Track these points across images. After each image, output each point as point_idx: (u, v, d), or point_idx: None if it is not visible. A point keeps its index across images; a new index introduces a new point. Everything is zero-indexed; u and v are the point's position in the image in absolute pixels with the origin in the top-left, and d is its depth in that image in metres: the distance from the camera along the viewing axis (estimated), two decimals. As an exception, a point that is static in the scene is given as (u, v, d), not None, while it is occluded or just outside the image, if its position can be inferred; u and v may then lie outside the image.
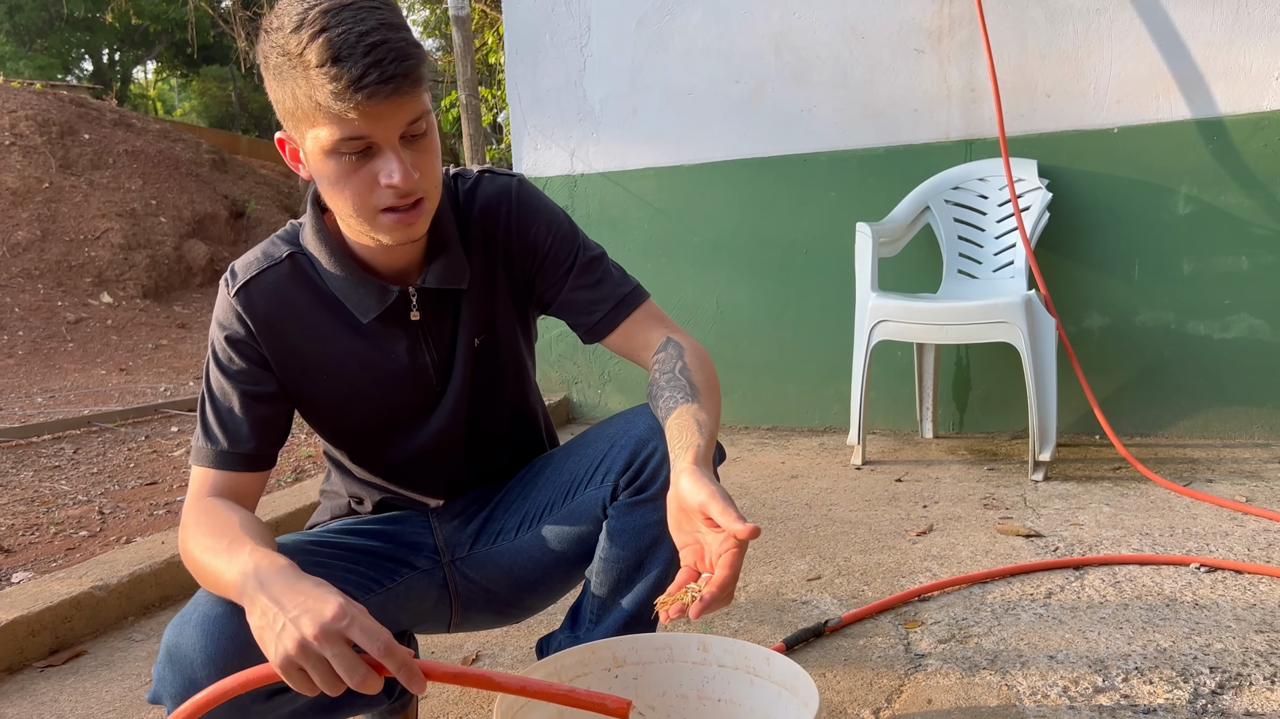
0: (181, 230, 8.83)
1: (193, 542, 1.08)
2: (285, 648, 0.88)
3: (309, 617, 0.88)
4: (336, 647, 0.87)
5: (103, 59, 27.16)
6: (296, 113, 1.05)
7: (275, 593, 0.92)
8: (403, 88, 1.02)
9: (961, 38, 3.28)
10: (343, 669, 0.88)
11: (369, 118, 1.02)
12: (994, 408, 3.40)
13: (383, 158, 1.06)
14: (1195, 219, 3.09)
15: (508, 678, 0.92)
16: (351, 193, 1.08)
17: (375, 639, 0.88)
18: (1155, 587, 1.98)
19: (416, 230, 1.13)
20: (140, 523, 2.75)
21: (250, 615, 0.93)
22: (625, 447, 1.26)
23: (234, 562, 0.99)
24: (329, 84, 1.00)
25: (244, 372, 1.21)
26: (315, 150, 1.07)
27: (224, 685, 0.90)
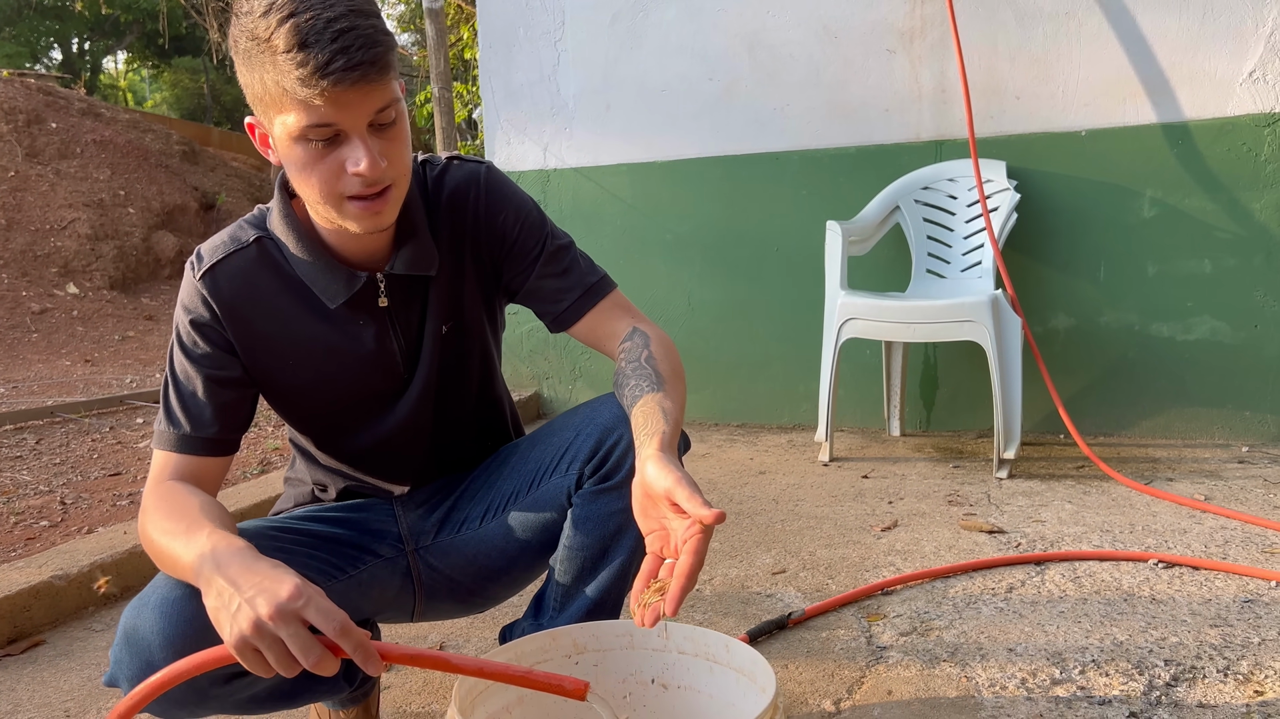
0: (150, 222, 8.73)
1: (151, 524, 1.08)
2: (240, 628, 0.87)
3: (264, 597, 0.87)
4: (291, 627, 0.87)
5: (72, 48, 26.79)
6: (265, 98, 1.05)
7: (231, 574, 0.91)
8: (370, 75, 1.02)
9: (933, 39, 3.31)
10: (298, 650, 0.87)
11: (336, 105, 1.02)
12: (960, 407, 3.43)
13: (350, 145, 1.06)
14: (1160, 222, 3.13)
15: (465, 660, 0.92)
16: (318, 179, 1.07)
17: (331, 620, 0.88)
18: (1114, 582, 2.00)
19: (384, 219, 1.13)
20: (103, 513, 2.72)
21: (206, 597, 0.92)
22: (591, 435, 1.26)
23: (191, 543, 0.99)
24: (295, 70, 0.99)
25: (208, 356, 1.20)
26: (283, 136, 1.06)
27: (180, 667, 0.89)
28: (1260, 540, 2.20)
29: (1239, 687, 1.54)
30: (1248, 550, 2.14)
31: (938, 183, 3.31)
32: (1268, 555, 2.11)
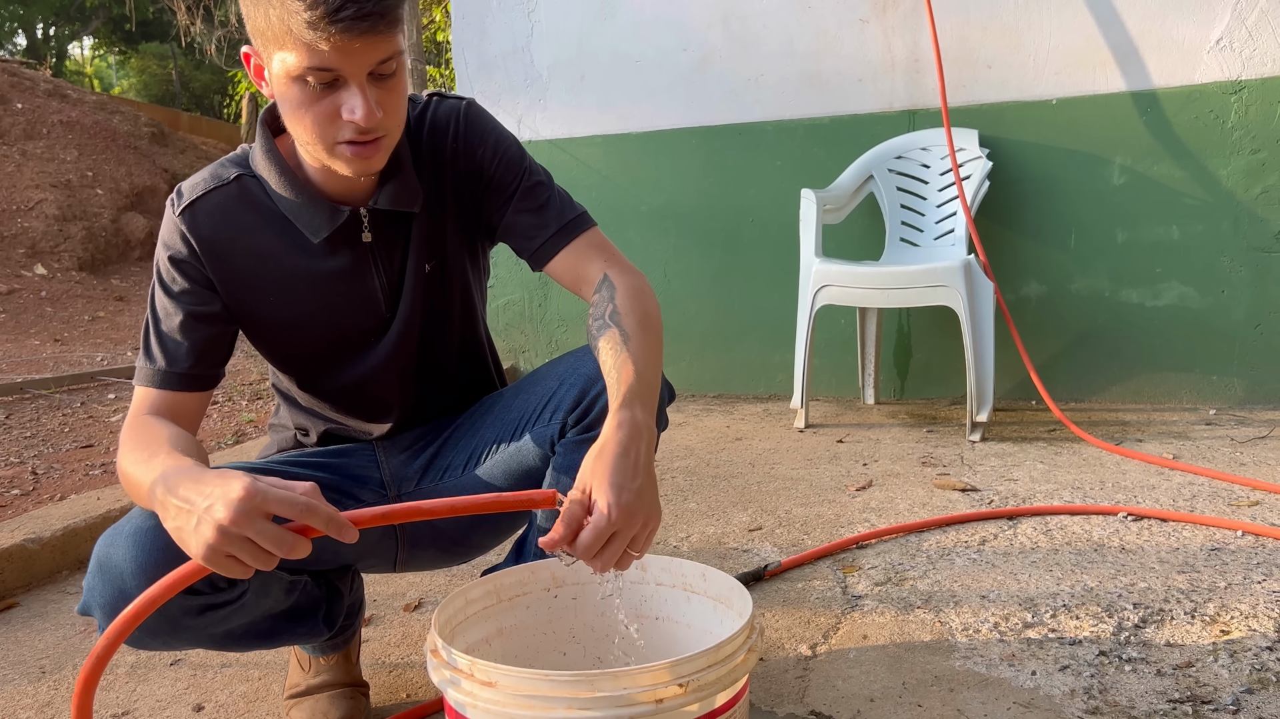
0: (119, 203, 8.62)
1: (124, 457, 1.08)
2: (205, 538, 0.87)
3: (220, 503, 0.87)
4: (256, 524, 0.87)
5: (37, 33, 26.34)
6: (267, 32, 1.03)
7: (183, 492, 0.91)
8: (379, 26, 1.01)
9: (906, 8, 3.32)
10: (270, 543, 0.87)
11: (340, 51, 1.01)
12: (934, 375, 3.46)
13: (348, 91, 1.05)
14: (1129, 189, 3.17)
15: (435, 504, 0.92)
16: (312, 121, 1.07)
17: (294, 504, 0.88)
18: (1085, 534, 2.04)
19: (374, 165, 1.12)
20: (75, 482, 2.70)
21: (165, 520, 0.93)
22: (574, 385, 1.26)
23: (149, 471, 0.99)
24: (304, 12, 0.98)
25: (187, 292, 1.20)
26: (281, 73, 1.05)
27: (153, 592, 0.89)
28: (1227, 494, 2.24)
29: (1205, 627, 1.57)
30: (1214, 504, 2.18)
31: (911, 152, 3.33)
32: (1234, 508, 2.15)
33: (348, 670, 1.47)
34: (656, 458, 2.83)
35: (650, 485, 1.01)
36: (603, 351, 1.16)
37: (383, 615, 1.83)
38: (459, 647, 1.07)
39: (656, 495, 1.02)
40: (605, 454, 0.99)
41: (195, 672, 1.63)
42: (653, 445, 1.05)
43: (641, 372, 1.11)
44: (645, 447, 1.03)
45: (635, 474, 0.99)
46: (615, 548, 0.95)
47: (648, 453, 1.03)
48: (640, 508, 0.97)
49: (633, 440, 1.01)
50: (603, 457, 0.99)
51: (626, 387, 1.08)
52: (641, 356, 1.13)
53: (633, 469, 0.99)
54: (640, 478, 0.99)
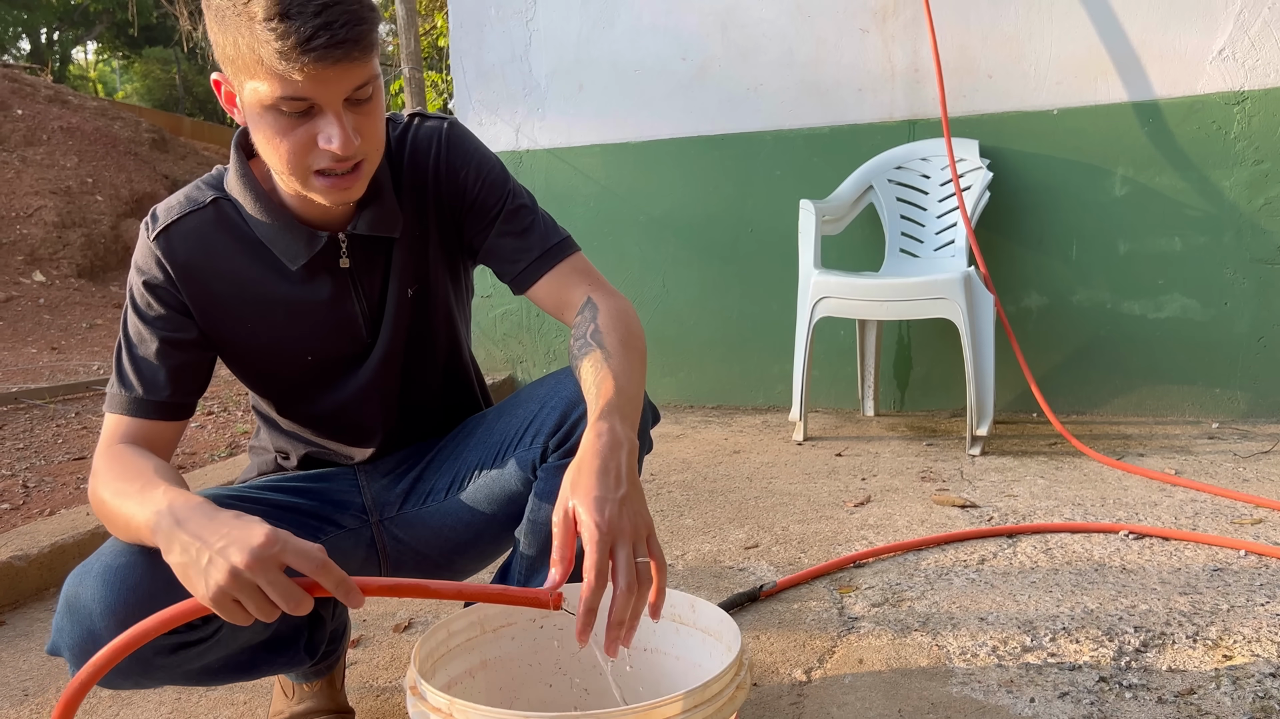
0: (119, 209, 8.61)
1: (102, 486, 1.05)
2: (216, 580, 0.85)
3: (236, 546, 0.86)
4: (270, 573, 0.85)
5: (40, 38, 26.40)
6: (236, 60, 1.00)
7: (194, 528, 0.89)
8: (353, 53, 0.98)
9: (906, 18, 3.30)
10: (279, 595, 0.86)
11: (314, 80, 0.98)
12: (934, 387, 3.43)
13: (324, 119, 1.02)
14: (1131, 200, 3.14)
15: (443, 585, 0.91)
16: (287, 150, 1.04)
17: (309, 559, 0.87)
18: (1085, 553, 2.01)
19: (352, 194, 1.10)
20: (66, 496, 2.67)
21: (169, 554, 0.90)
22: (555, 408, 1.24)
23: (146, 503, 0.96)
24: (274, 41, 0.95)
25: (162, 318, 1.17)
26: (253, 102, 1.02)
27: (146, 625, 0.87)
28: (1230, 512, 2.21)
29: (1208, 652, 1.54)
30: (1217, 522, 2.15)
31: (911, 162, 3.31)
32: (1237, 526, 2.12)
33: (332, 697, 1.44)
34: (653, 470, 2.81)
35: (635, 494, 0.98)
36: (584, 370, 1.14)
37: (371, 636, 1.80)
38: (441, 679, 1.04)
39: (643, 504, 0.99)
40: (584, 468, 0.97)
41: (180, 695, 1.61)
42: (634, 455, 1.02)
43: (622, 387, 1.09)
44: (626, 456, 1.00)
45: (618, 484, 0.96)
46: (624, 559, 0.92)
47: (629, 462, 1.00)
48: (626, 515, 0.94)
49: (612, 451, 0.99)
50: (582, 471, 0.97)
51: (605, 400, 1.06)
52: (623, 373, 1.11)
53: (615, 480, 0.96)
54: (624, 487, 0.97)
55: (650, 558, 0.96)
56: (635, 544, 0.94)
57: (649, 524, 0.98)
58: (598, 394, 1.08)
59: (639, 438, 1.17)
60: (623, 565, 0.92)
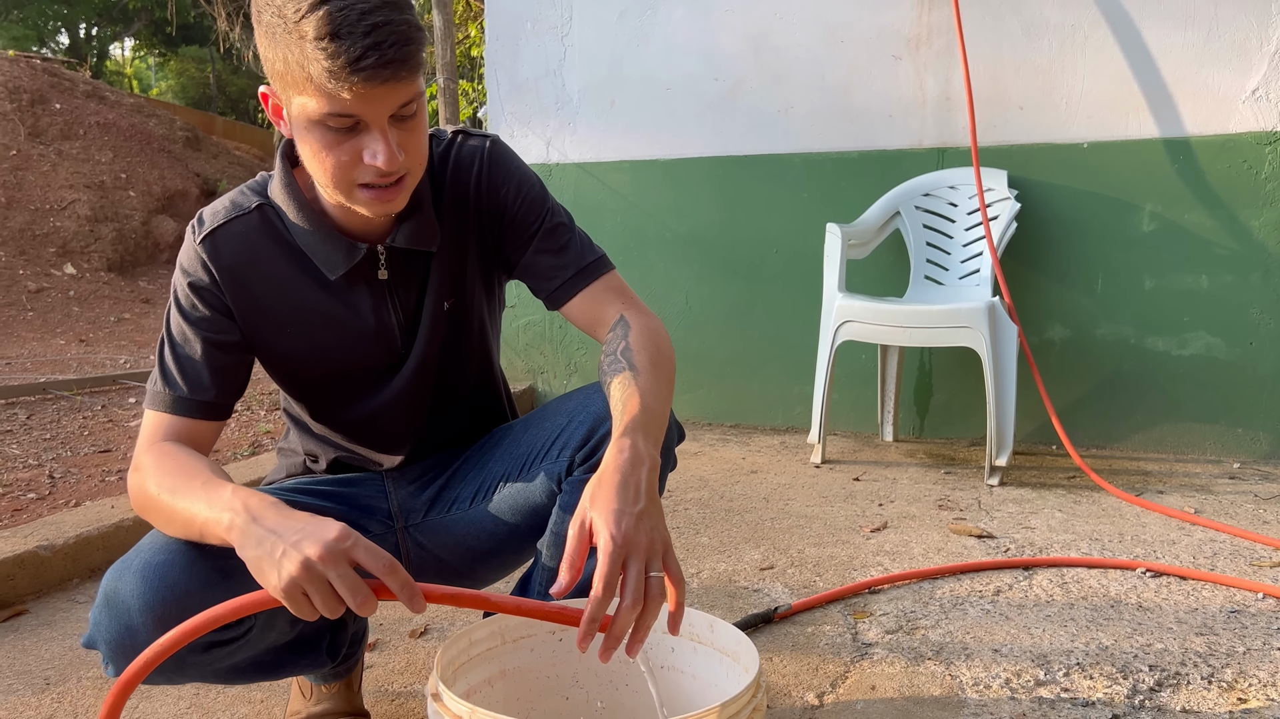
0: (150, 205, 8.71)
1: (153, 483, 1.07)
2: (289, 571, 0.88)
3: (311, 539, 0.88)
4: (340, 567, 0.88)
5: (79, 33, 26.76)
6: (286, 76, 1.02)
7: (270, 524, 0.92)
8: (400, 73, 1.00)
9: (939, 46, 3.31)
10: (346, 590, 0.88)
11: (361, 99, 1.00)
12: (954, 414, 3.43)
13: (369, 135, 1.04)
14: (1159, 236, 3.14)
15: (504, 598, 0.93)
16: (333, 164, 1.06)
17: (379, 559, 0.89)
18: (1101, 588, 2.00)
19: (395, 206, 1.12)
20: (91, 488, 2.71)
21: (244, 548, 0.93)
22: (583, 423, 1.26)
23: (215, 501, 0.98)
24: (324, 60, 0.97)
25: (206, 319, 1.19)
26: (300, 116, 1.04)
27: (216, 612, 0.89)
28: (1248, 554, 2.20)
29: (1223, 694, 1.53)
30: (1236, 563, 2.14)
31: (939, 190, 3.32)
32: (1255, 568, 2.11)
33: (349, 699, 1.46)
34: (670, 487, 2.82)
35: (653, 510, 0.99)
36: (613, 387, 1.15)
37: (388, 641, 1.82)
38: (461, 687, 1.06)
39: (662, 521, 1.00)
40: (605, 482, 0.99)
41: (198, 691, 1.63)
42: (655, 472, 1.03)
43: (648, 405, 1.10)
44: (647, 472, 1.01)
45: (636, 499, 0.97)
46: (634, 574, 0.93)
47: (650, 479, 1.01)
48: (642, 530, 0.95)
49: (633, 466, 1.00)
50: (602, 484, 0.98)
51: (630, 417, 1.07)
52: (650, 391, 1.13)
53: (633, 495, 0.98)
54: (642, 502, 0.98)
55: (667, 574, 0.97)
56: (650, 560, 0.95)
57: (666, 541, 0.99)
58: (623, 410, 1.09)
59: (662, 455, 1.18)
60: (631, 580, 0.93)
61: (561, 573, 0.94)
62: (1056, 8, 3.17)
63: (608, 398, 1.19)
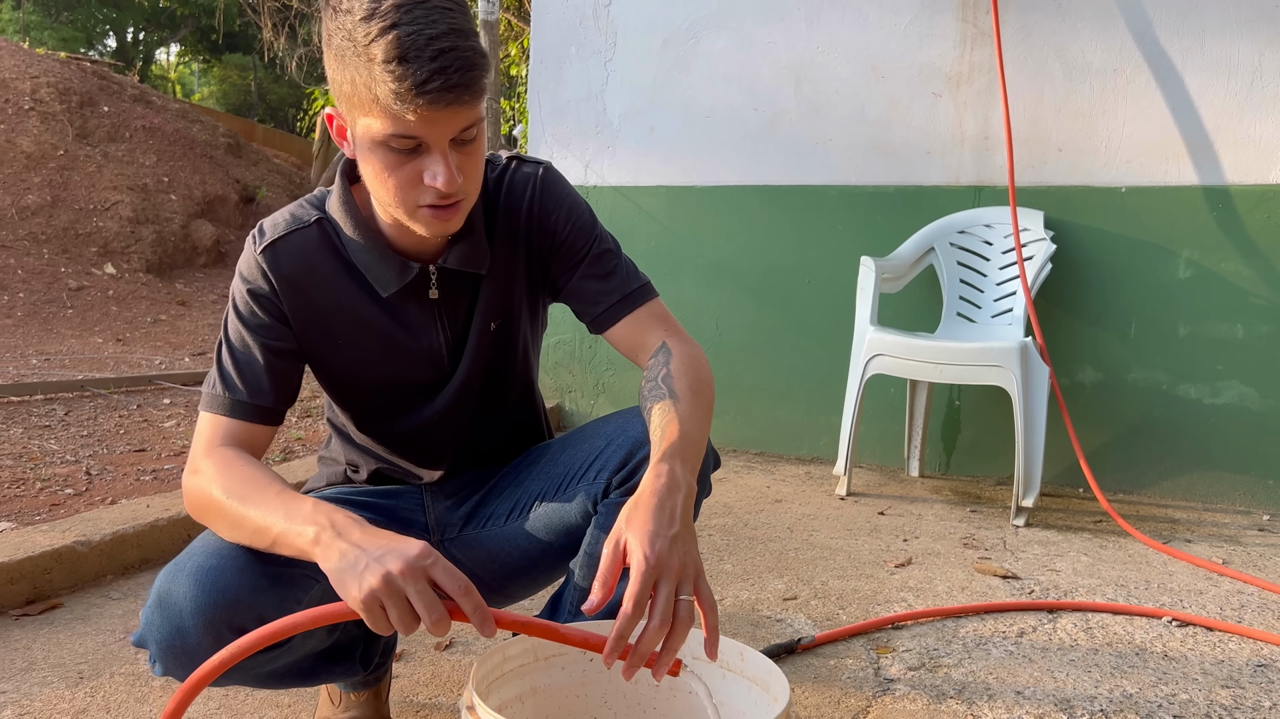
0: (190, 209, 8.86)
1: (218, 488, 1.09)
2: (370, 584, 0.90)
3: (393, 555, 0.91)
4: (419, 583, 0.90)
5: (127, 37, 27.28)
6: (353, 97, 1.06)
7: (355, 538, 0.95)
8: (463, 98, 1.03)
9: (979, 86, 3.33)
10: (422, 606, 0.90)
11: (425, 121, 1.03)
12: (981, 453, 3.42)
13: (430, 157, 1.07)
14: (1195, 283, 3.13)
15: (572, 631, 0.95)
16: (395, 185, 1.09)
17: (456, 580, 0.92)
18: (1126, 635, 2.00)
19: (452, 226, 1.15)
20: (126, 487, 2.76)
21: (327, 561, 0.95)
22: (622, 446, 1.28)
23: (295, 514, 1.01)
24: (392, 83, 1.00)
25: (265, 325, 1.23)
26: (364, 137, 1.08)
27: (295, 619, 0.91)
28: (1276, 607, 2.19)
29: (1247, 748, 1.53)
30: (1263, 616, 2.13)
31: (974, 228, 3.33)
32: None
33: (376, 708, 1.48)
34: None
35: (687, 535, 1.01)
36: (653, 413, 1.17)
37: (414, 653, 1.84)
38: (494, 702, 1.08)
39: (695, 547, 1.02)
40: (641, 503, 1.01)
41: (228, 694, 1.65)
42: (691, 498, 1.05)
43: (687, 431, 1.12)
44: (683, 498, 1.03)
45: (671, 523, 0.99)
46: (664, 595, 0.94)
47: (685, 504, 1.03)
48: (675, 553, 0.97)
49: (670, 491, 1.03)
50: (638, 506, 1.00)
51: (669, 443, 1.09)
52: (689, 418, 1.15)
53: (669, 519, 1.00)
54: (676, 526, 1.00)
55: (698, 599, 0.98)
56: (681, 583, 0.97)
57: (698, 566, 1.00)
58: (662, 436, 1.12)
59: (698, 483, 1.20)
60: (661, 601, 0.94)
61: (594, 590, 0.96)
62: (1099, 52, 3.19)
63: (647, 423, 1.21)
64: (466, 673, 1.75)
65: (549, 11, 3.96)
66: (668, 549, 0.97)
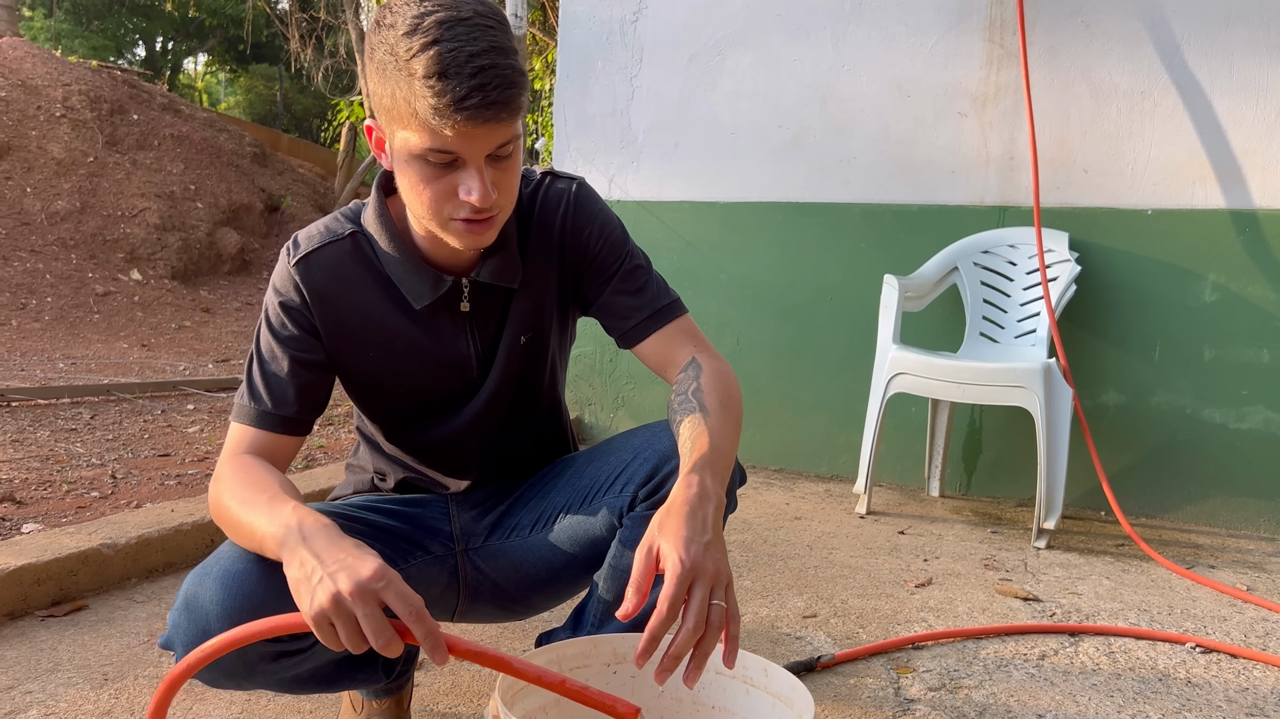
0: (216, 217, 8.95)
1: (228, 493, 1.11)
2: (320, 601, 0.90)
3: (346, 574, 0.91)
4: (369, 607, 0.90)
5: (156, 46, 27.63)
6: (392, 110, 1.07)
7: (316, 548, 0.95)
8: (500, 115, 1.04)
9: (1005, 106, 3.34)
10: (370, 630, 0.90)
11: (462, 137, 1.05)
12: (1002, 474, 3.41)
13: (466, 172, 1.09)
14: (1220, 307, 3.11)
15: (525, 664, 0.93)
16: (430, 198, 1.11)
17: (408, 604, 0.91)
18: (1149, 661, 1.98)
19: (485, 240, 1.16)
20: (151, 491, 2.78)
21: (288, 568, 0.96)
22: (649, 459, 1.28)
23: (275, 516, 1.02)
24: (431, 98, 1.02)
25: (294, 338, 1.24)
26: (402, 150, 1.09)
27: (253, 628, 0.92)
28: (1302, 635, 2.16)
29: (1272, 777, 1.51)
30: (1289, 644, 2.11)
31: (999, 248, 3.32)
32: (1309, 651, 2.07)
33: (398, 716, 1.49)
34: (714, 529, 2.82)
35: (719, 544, 1.02)
36: (682, 426, 1.18)
37: (434, 662, 1.85)
38: (517, 713, 1.08)
39: (725, 555, 1.03)
40: (673, 512, 1.01)
41: (250, 698, 1.67)
42: (721, 509, 1.06)
43: (717, 444, 1.13)
44: (714, 509, 1.04)
45: (704, 530, 1.00)
46: (699, 598, 0.95)
47: (716, 515, 1.04)
48: (710, 559, 0.98)
49: (701, 501, 1.03)
50: (670, 514, 1.01)
51: (700, 454, 1.10)
52: (719, 431, 1.16)
53: (701, 526, 1.00)
54: (709, 534, 1.01)
55: (722, 602, 0.99)
56: (714, 588, 0.98)
57: (729, 575, 1.01)
58: (693, 448, 1.12)
59: (725, 496, 1.21)
60: (695, 604, 0.95)
61: (628, 596, 0.96)
62: (1127, 74, 3.18)
63: (676, 436, 1.22)
64: (487, 682, 1.75)
65: (576, 27, 3.99)
66: (702, 554, 0.98)
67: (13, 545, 2.09)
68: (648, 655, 0.94)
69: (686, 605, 0.95)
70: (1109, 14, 3.20)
